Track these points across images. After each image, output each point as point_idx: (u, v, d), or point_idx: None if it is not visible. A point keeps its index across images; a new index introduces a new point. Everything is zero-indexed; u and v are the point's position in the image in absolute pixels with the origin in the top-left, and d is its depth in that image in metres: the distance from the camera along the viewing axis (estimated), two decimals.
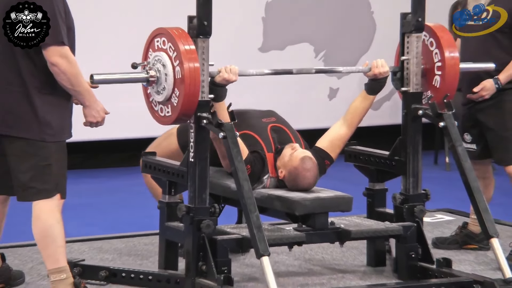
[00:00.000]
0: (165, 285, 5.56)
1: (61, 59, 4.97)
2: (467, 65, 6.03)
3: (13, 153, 5.07)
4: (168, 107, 5.38)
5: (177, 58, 5.27)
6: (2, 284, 5.53)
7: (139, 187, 7.15)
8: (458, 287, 5.51)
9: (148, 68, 5.40)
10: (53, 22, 4.97)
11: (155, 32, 5.43)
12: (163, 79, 5.34)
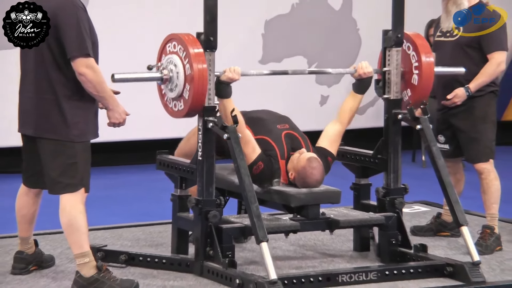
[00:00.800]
0: (177, 267, 5.57)
1: (87, 70, 4.96)
2: (441, 69, 6.05)
3: (44, 152, 5.08)
4: (181, 101, 5.40)
5: (186, 57, 5.31)
6: (35, 266, 5.53)
7: (154, 182, 7.17)
8: (432, 269, 5.53)
9: (162, 69, 5.42)
10: (79, 36, 4.95)
11: (167, 38, 5.46)
12: (175, 77, 5.37)
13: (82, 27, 4.96)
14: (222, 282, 5.28)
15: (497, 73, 6.08)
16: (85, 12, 5.02)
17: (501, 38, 6.10)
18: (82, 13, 4.99)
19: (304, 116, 8.63)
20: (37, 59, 5.03)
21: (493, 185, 6.12)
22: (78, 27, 4.95)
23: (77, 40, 4.94)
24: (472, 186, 6.52)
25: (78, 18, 4.96)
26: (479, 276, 5.42)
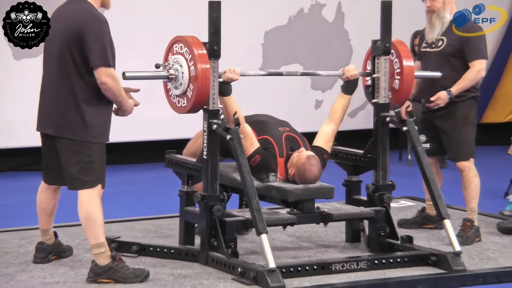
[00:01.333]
0: (184, 257, 5.56)
1: (108, 79, 4.97)
2: (420, 73, 6.09)
3: (64, 151, 5.08)
4: (184, 99, 5.40)
5: (191, 59, 5.30)
6: (55, 256, 5.53)
7: (163, 179, 7.16)
8: (418, 259, 5.52)
9: (168, 68, 5.42)
10: (102, 47, 4.95)
11: (174, 39, 5.45)
12: (180, 76, 5.36)
13: (105, 39, 4.97)
14: (225, 270, 5.28)
15: (477, 79, 6.09)
16: (107, 26, 5.03)
17: (481, 47, 6.11)
18: (105, 26, 5.00)
19: (300, 118, 8.65)
20: (60, 66, 5.03)
21: (473, 181, 6.12)
22: (101, 39, 4.95)
23: (100, 51, 4.94)
24: (454, 182, 6.52)
25: (102, 31, 4.97)
26: (460, 265, 5.43)
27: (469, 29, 6.09)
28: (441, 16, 6.10)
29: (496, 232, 6.28)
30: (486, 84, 8.84)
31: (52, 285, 5.08)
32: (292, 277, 5.19)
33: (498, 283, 5.43)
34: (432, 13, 6.12)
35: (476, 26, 6.14)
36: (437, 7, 6.10)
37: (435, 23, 6.12)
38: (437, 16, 6.11)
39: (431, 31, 6.15)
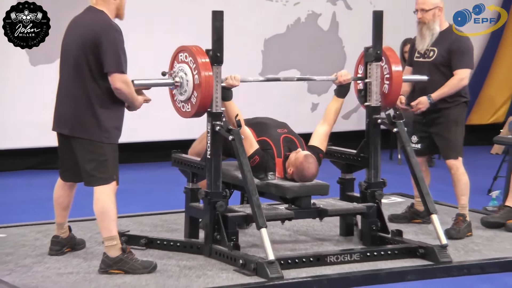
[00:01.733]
0: (189, 250, 5.56)
1: (123, 84, 4.98)
2: (407, 77, 6.11)
3: (80, 151, 5.09)
4: (188, 104, 5.41)
5: (196, 68, 5.30)
6: (69, 249, 5.53)
7: (170, 177, 7.15)
8: (407, 251, 5.52)
9: (174, 76, 5.43)
10: (116, 55, 4.95)
11: (179, 48, 5.46)
12: (185, 84, 5.37)
13: (119, 47, 4.97)
14: (227, 262, 5.28)
15: (458, 87, 6.09)
16: (121, 35, 5.04)
17: (466, 58, 6.11)
18: (119, 35, 5.01)
19: (298, 120, 8.65)
20: (76, 71, 5.03)
21: (462, 179, 6.13)
22: (116, 47, 4.96)
23: (115, 59, 4.95)
24: (442, 181, 6.53)
25: (116, 39, 4.98)
26: (446, 257, 5.43)
27: (455, 41, 6.09)
28: (431, 27, 6.11)
29: (480, 227, 6.28)
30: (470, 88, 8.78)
31: (67, 275, 5.09)
32: (290, 268, 5.19)
33: (482, 273, 5.44)
34: (423, 25, 6.13)
35: (463, 39, 6.13)
36: (428, 19, 6.10)
37: (425, 34, 6.12)
38: (427, 27, 6.11)
39: (421, 42, 6.16)
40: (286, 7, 9.37)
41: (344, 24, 9.58)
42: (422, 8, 6.10)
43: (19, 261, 5.36)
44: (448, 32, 6.13)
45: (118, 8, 5.10)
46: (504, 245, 5.88)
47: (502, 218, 6.32)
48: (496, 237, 6.07)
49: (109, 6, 5.06)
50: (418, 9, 6.13)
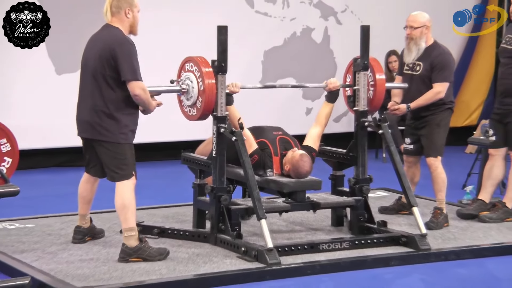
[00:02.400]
0: (197, 238, 5.56)
1: (141, 91, 4.98)
2: (389, 84, 6.16)
3: (102, 152, 5.10)
4: (194, 109, 5.42)
5: (200, 76, 5.32)
6: (90, 237, 5.53)
7: (179, 174, 7.15)
8: (391, 240, 5.53)
9: (181, 83, 5.44)
10: (132, 65, 4.95)
11: (186, 59, 5.47)
12: (191, 90, 5.38)
13: (133, 58, 4.97)
14: (231, 249, 5.29)
15: (434, 99, 6.07)
16: (135, 47, 5.03)
17: (445, 72, 6.08)
18: (133, 48, 5.01)
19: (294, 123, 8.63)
20: (94, 81, 5.02)
21: (440, 177, 6.12)
22: (130, 58, 4.95)
23: (131, 68, 4.94)
24: (423, 176, 6.51)
25: (131, 51, 4.98)
26: (426, 245, 5.44)
27: (437, 57, 6.08)
28: (418, 43, 6.09)
29: (456, 218, 6.28)
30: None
31: (88, 261, 5.09)
32: (286, 255, 5.20)
33: (457, 259, 5.43)
34: (411, 40, 6.11)
35: (444, 55, 6.12)
36: (415, 36, 6.09)
37: (412, 49, 6.11)
38: (414, 43, 6.10)
39: (408, 55, 6.15)
40: (283, 23, 9.35)
41: (335, 38, 9.56)
42: (411, 25, 6.09)
43: (45, 249, 5.37)
44: (432, 48, 6.11)
45: (132, 25, 5.09)
46: (477, 234, 5.88)
47: (475, 210, 6.32)
48: (470, 227, 6.07)
49: (123, 23, 5.06)
50: (408, 25, 6.12)
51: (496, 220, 6.18)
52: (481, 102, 10.40)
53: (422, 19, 6.09)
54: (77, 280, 4.73)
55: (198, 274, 4.89)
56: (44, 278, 4.75)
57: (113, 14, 5.05)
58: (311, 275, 5.04)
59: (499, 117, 6.33)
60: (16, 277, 4.75)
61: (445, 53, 6.13)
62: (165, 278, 4.80)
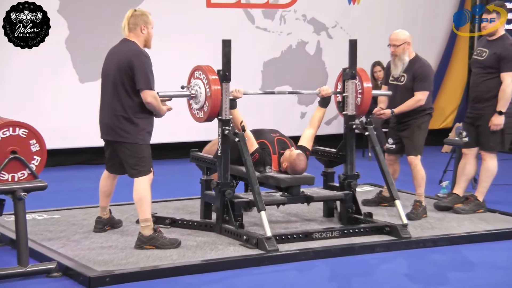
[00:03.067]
0: (204, 228, 5.56)
1: (152, 99, 4.98)
2: (376, 92, 6.14)
3: (122, 152, 5.10)
4: (202, 111, 5.42)
5: (207, 83, 5.31)
6: (109, 227, 5.53)
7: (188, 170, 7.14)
8: (376, 229, 5.52)
9: (190, 89, 5.43)
10: (147, 76, 4.94)
11: (195, 68, 5.47)
12: (199, 95, 5.38)
13: (148, 69, 4.97)
14: (234, 238, 5.28)
15: (415, 106, 6.06)
16: (150, 59, 5.03)
17: (425, 83, 6.04)
18: (148, 60, 5.01)
19: (290, 126, 8.64)
20: (114, 89, 5.02)
21: (419, 174, 6.12)
22: (145, 69, 4.95)
23: (145, 78, 4.94)
24: (404, 173, 6.51)
25: (146, 63, 4.98)
26: (407, 234, 5.44)
27: (418, 69, 6.07)
28: (402, 58, 6.10)
29: (433, 210, 6.28)
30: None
31: (107, 248, 5.09)
32: (283, 243, 5.20)
33: (434, 246, 5.43)
34: (395, 56, 6.11)
35: (425, 67, 6.10)
36: (399, 52, 6.09)
37: (398, 64, 6.11)
38: (399, 59, 6.10)
39: (395, 69, 6.16)
40: (281, 37, 9.34)
41: (326, 50, 9.54)
42: (394, 44, 6.09)
43: (70, 237, 5.37)
44: (414, 61, 6.11)
45: (146, 39, 5.09)
46: (452, 224, 5.88)
47: (450, 203, 6.31)
48: (445, 218, 6.07)
49: (139, 38, 5.05)
50: (391, 44, 6.12)
51: (469, 212, 6.18)
52: (455, 107, 10.39)
53: (403, 36, 6.08)
54: (98, 265, 4.73)
55: (205, 259, 4.88)
56: (68, 263, 4.75)
57: (130, 30, 5.04)
58: (305, 260, 5.04)
59: (471, 121, 6.33)
60: (44, 262, 4.76)
61: (426, 65, 6.13)
62: (176, 263, 4.80)
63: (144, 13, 5.06)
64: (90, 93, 8.00)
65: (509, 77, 6.04)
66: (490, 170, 6.23)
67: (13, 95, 8.11)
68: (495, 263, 5.10)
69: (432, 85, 6.14)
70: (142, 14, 5.04)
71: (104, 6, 8.40)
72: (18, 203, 4.58)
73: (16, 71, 8.11)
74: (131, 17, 5.03)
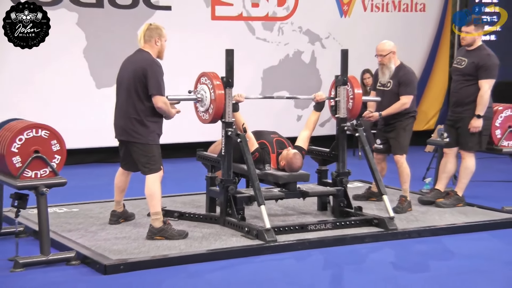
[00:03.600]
0: (209, 220, 5.55)
1: (163, 104, 4.98)
2: (365, 97, 6.11)
3: (135, 151, 5.09)
4: (207, 114, 5.42)
5: (212, 88, 5.31)
6: (123, 220, 5.53)
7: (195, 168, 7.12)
8: (365, 221, 5.52)
9: (197, 93, 5.43)
10: (158, 83, 4.94)
11: (201, 74, 5.48)
12: (205, 99, 5.38)
13: (160, 77, 4.98)
14: (236, 229, 5.28)
15: (401, 109, 6.06)
16: (161, 68, 5.03)
17: (408, 87, 6.06)
18: (160, 69, 5.01)
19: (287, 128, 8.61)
20: (127, 94, 5.03)
21: (404, 171, 6.11)
22: (157, 77, 4.96)
23: (157, 85, 4.94)
24: (391, 171, 6.50)
25: (158, 72, 4.98)
26: (393, 226, 5.43)
27: (403, 76, 6.07)
28: (388, 67, 6.10)
29: (417, 204, 6.27)
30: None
31: (121, 239, 5.08)
32: (281, 234, 5.19)
33: (418, 237, 5.42)
34: (383, 65, 6.12)
35: (409, 74, 6.09)
36: (385, 61, 6.09)
37: (385, 72, 6.11)
38: (386, 67, 6.11)
39: (383, 77, 6.16)
40: (279, 47, 9.33)
41: (320, 59, 9.53)
42: (380, 54, 6.09)
43: (87, 228, 5.36)
44: (399, 68, 6.11)
45: (159, 51, 5.09)
46: (434, 217, 5.88)
47: (433, 198, 6.31)
48: (428, 211, 6.06)
49: (153, 49, 5.06)
50: (378, 54, 6.11)
51: (449, 206, 6.18)
52: (437, 110, 10.39)
53: (389, 46, 6.08)
54: (112, 254, 4.73)
55: (210, 249, 4.88)
56: (86, 252, 4.75)
57: (145, 41, 5.05)
58: (301, 250, 5.03)
59: (452, 123, 6.33)
60: (64, 251, 4.76)
61: (410, 72, 6.13)
62: (184, 252, 4.80)
63: (158, 27, 5.07)
64: (106, 98, 8.00)
65: (487, 84, 6.04)
66: (468, 168, 6.23)
67: (37, 100, 8.13)
68: (473, 252, 5.10)
69: (415, 90, 6.14)
70: (157, 28, 5.06)
71: (118, 19, 8.41)
72: (41, 198, 4.58)
73: (40, 79, 8.13)
74: (146, 30, 5.04)
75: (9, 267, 4.53)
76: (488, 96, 6.07)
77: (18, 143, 4.55)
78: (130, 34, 8.16)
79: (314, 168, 6.07)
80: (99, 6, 8.29)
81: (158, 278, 4.45)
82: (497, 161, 8.12)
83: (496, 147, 6.33)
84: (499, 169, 8.07)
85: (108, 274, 4.46)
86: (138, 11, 8.45)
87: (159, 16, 8.49)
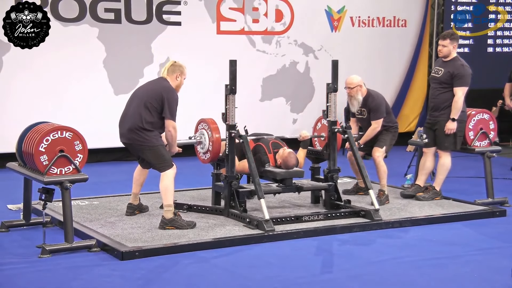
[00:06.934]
0: (215, 212, 5.55)
1: (173, 129, 4.97)
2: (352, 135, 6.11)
3: (145, 153, 5.09)
4: (206, 155, 5.44)
5: (210, 132, 5.35)
6: (138, 211, 5.52)
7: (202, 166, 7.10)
8: (353, 213, 5.51)
9: (197, 137, 5.44)
10: (173, 108, 4.91)
11: (200, 121, 5.52)
12: (204, 142, 5.39)
13: (175, 105, 4.95)
14: (239, 220, 5.27)
15: (373, 134, 6.09)
16: (177, 96, 5.01)
17: (378, 112, 6.06)
18: (176, 96, 4.99)
19: (283, 130, 8.62)
20: (138, 107, 5.00)
21: (381, 168, 6.12)
22: (173, 103, 4.94)
23: (171, 110, 4.93)
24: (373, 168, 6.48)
25: (174, 99, 4.96)
26: (378, 217, 5.43)
27: (371, 103, 6.08)
28: (356, 98, 6.12)
29: (399, 197, 6.27)
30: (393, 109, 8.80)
31: (137, 228, 5.08)
32: (279, 224, 5.19)
33: (400, 227, 5.42)
34: (351, 97, 6.14)
35: (376, 100, 6.08)
36: (353, 93, 6.12)
37: (354, 103, 6.15)
38: (354, 98, 6.13)
39: (352, 107, 6.20)
40: (276, 58, 9.32)
41: (313, 69, 9.52)
42: (349, 87, 6.13)
43: (107, 219, 5.36)
44: (367, 97, 6.13)
45: (177, 85, 5.09)
46: (414, 209, 5.87)
47: (413, 192, 6.30)
48: (409, 204, 6.05)
49: (173, 81, 5.07)
50: (347, 87, 6.15)
51: (428, 199, 6.17)
52: (417, 114, 10.38)
53: (356, 80, 6.11)
54: (129, 242, 4.72)
55: (215, 237, 4.88)
56: (106, 240, 4.75)
57: (168, 73, 5.06)
58: (297, 238, 5.03)
59: (430, 125, 6.33)
60: (86, 239, 4.75)
61: (376, 98, 6.13)
62: (192, 240, 4.79)
63: (182, 65, 5.09)
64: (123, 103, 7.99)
65: (460, 91, 6.05)
66: (445, 165, 6.23)
67: (62, 105, 8.14)
68: (450, 240, 5.09)
69: (385, 111, 6.13)
70: (180, 66, 5.08)
71: (134, 33, 8.41)
72: (65, 192, 4.58)
73: (65, 86, 8.14)
74: (171, 66, 5.07)
75: (37, 253, 4.54)
76: (462, 101, 6.07)
77: (45, 143, 4.57)
78: (143, 47, 8.16)
79: (307, 166, 6.06)
80: (117, 22, 8.31)
81: (169, 263, 4.44)
82: (470, 159, 8.11)
83: (469, 147, 6.33)
84: (472, 167, 8.06)
85: (125, 259, 4.46)
86: (151, 27, 8.46)
87: (170, 31, 8.49)
